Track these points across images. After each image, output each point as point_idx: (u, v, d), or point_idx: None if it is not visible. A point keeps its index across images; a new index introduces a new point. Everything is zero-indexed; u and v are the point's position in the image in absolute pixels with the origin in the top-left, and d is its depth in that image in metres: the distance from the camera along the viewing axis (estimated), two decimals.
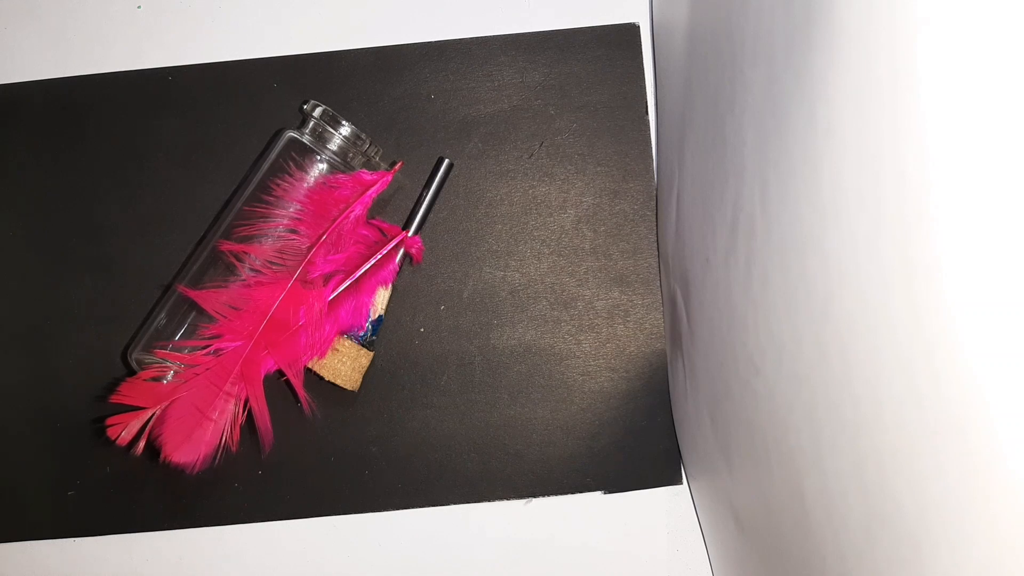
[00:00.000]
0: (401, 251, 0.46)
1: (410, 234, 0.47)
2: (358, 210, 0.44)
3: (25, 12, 0.50)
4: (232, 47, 0.49)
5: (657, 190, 0.48)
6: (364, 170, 0.45)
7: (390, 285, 0.46)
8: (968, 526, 0.22)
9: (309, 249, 0.44)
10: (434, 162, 0.48)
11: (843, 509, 0.28)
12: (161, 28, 0.50)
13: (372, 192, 0.44)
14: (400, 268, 0.47)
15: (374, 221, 0.46)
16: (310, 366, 0.45)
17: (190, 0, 0.50)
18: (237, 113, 0.49)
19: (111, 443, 0.42)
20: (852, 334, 0.26)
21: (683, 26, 0.41)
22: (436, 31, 0.49)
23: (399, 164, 0.46)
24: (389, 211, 0.48)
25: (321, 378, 0.45)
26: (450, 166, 0.48)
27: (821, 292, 0.27)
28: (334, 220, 0.44)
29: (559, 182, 0.48)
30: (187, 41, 0.49)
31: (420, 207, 0.47)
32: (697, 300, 0.40)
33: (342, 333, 0.45)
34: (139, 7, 0.49)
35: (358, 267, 0.45)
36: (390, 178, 0.45)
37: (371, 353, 0.46)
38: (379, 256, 0.45)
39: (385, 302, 0.46)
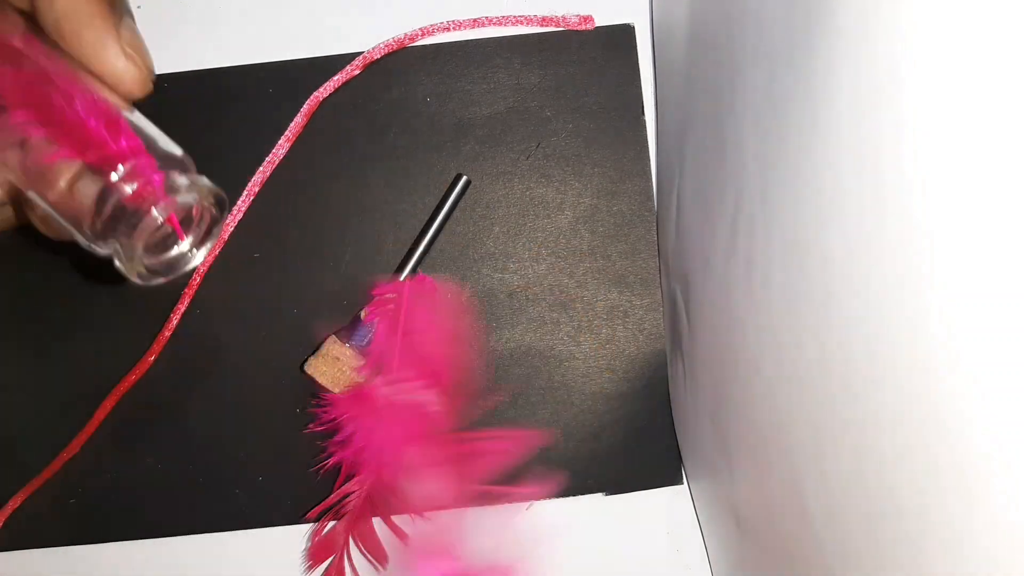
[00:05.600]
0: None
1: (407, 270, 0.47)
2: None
3: None
4: (228, 53, 0.49)
5: (657, 190, 0.48)
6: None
7: None
8: (968, 526, 0.22)
9: None
10: (432, 164, 0.48)
11: (843, 509, 0.28)
12: (157, 35, 0.49)
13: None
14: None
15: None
16: (306, 369, 0.45)
17: (185, 6, 0.50)
18: (234, 119, 0.48)
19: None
20: (852, 334, 0.26)
21: (683, 26, 0.41)
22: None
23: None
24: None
25: (317, 383, 0.45)
26: (467, 184, 0.47)
27: (821, 292, 0.27)
28: None
29: (556, 183, 0.48)
30: (182, 48, 0.49)
31: (430, 228, 0.47)
32: (697, 300, 0.40)
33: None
34: (139, 7, 0.49)
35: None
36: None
37: None
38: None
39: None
